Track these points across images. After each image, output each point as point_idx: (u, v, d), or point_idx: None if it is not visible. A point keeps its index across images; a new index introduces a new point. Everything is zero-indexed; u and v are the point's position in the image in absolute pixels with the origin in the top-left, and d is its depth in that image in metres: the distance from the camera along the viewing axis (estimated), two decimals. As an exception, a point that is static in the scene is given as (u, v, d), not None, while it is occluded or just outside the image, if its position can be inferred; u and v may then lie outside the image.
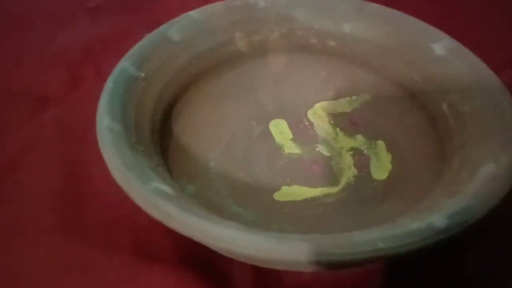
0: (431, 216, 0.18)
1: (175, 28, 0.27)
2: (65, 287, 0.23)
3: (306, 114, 0.30)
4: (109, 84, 0.24)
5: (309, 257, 0.17)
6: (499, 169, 0.19)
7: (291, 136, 0.29)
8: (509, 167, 0.19)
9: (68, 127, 0.30)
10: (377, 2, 0.29)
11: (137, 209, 0.24)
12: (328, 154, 0.28)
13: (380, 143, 0.27)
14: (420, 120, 0.26)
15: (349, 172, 0.27)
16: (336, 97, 0.30)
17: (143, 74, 0.25)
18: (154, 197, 0.19)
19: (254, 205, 0.25)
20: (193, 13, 0.28)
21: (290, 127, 0.29)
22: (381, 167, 0.26)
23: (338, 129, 0.29)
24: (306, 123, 0.29)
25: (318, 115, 0.30)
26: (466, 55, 0.25)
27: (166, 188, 0.20)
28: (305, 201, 0.26)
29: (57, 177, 0.27)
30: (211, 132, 0.28)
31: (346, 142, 0.28)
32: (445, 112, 0.24)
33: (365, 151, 0.28)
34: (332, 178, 0.27)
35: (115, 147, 0.21)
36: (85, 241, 0.24)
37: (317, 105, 0.30)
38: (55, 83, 0.33)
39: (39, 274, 0.23)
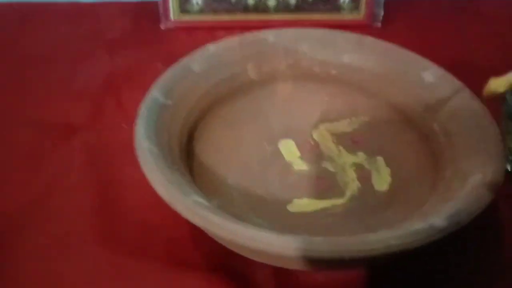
0: (432, 218, 0.21)
1: (196, 61, 0.31)
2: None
3: (311, 134, 0.33)
4: (143, 111, 0.27)
5: (335, 253, 0.20)
6: (485, 179, 0.23)
7: (299, 154, 0.32)
8: (493, 178, 0.23)
9: (96, 151, 0.33)
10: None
11: (168, 222, 0.27)
12: (333, 170, 0.31)
13: (380, 158, 0.31)
14: (413, 137, 0.30)
15: (353, 185, 0.30)
16: (337, 119, 0.33)
17: (170, 102, 0.29)
18: (196, 207, 0.22)
19: (271, 216, 0.28)
20: (211, 47, 0.32)
21: (297, 146, 0.33)
22: (382, 180, 0.30)
23: (341, 147, 0.32)
24: (312, 143, 0.33)
25: (323, 135, 0.33)
26: (451, 81, 0.29)
27: (202, 201, 0.23)
28: (315, 211, 0.29)
29: (91, 196, 0.30)
30: (227, 152, 0.31)
31: (349, 159, 0.32)
32: (436, 130, 0.28)
33: (366, 166, 0.31)
34: (338, 190, 0.30)
35: (157, 166, 0.24)
36: (122, 252, 0.27)
37: (321, 126, 0.33)
38: (81, 113, 0.36)
39: (83, 282, 0.26)
